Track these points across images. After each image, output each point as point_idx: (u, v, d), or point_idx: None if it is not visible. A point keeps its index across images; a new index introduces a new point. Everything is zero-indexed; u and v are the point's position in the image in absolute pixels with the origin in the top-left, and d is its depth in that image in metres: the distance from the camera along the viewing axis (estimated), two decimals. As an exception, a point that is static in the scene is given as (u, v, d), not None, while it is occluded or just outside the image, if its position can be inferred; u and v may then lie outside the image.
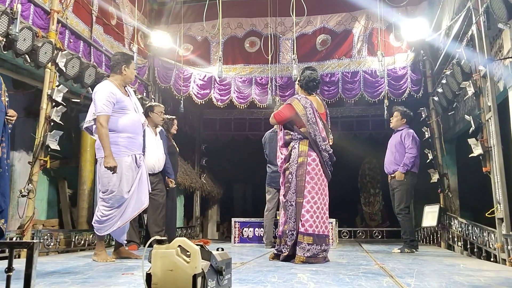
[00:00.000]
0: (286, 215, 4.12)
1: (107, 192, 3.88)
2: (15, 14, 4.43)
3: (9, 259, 1.81)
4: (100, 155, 3.89)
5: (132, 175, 3.96)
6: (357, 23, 7.94)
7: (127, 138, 3.95)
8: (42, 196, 7.15)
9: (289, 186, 4.13)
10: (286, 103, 4.44)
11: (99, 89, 3.96)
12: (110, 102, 3.89)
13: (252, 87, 8.15)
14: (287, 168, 4.20)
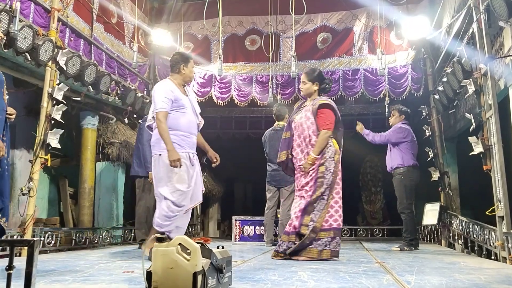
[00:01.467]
0: (305, 210, 4.07)
1: (172, 188, 3.83)
2: (15, 12, 4.43)
3: (10, 257, 1.81)
4: (156, 152, 3.85)
5: (187, 171, 3.94)
6: (358, 21, 7.93)
7: (181, 137, 3.95)
8: (43, 194, 7.16)
9: (322, 182, 4.11)
10: (326, 109, 4.27)
11: (159, 87, 3.98)
12: (169, 99, 3.88)
13: (252, 85, 8.15)
14: (321, 164, 4.14)
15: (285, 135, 4.39)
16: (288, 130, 4.40)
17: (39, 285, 2.39)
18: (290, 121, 4.40)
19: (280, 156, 4.40)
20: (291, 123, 4.38)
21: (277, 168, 6.21)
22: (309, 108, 4.28)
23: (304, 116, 4.27)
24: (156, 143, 3.86)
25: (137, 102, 7.34)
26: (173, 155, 3.74)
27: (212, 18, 7.56)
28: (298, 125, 4.30)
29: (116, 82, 6.87)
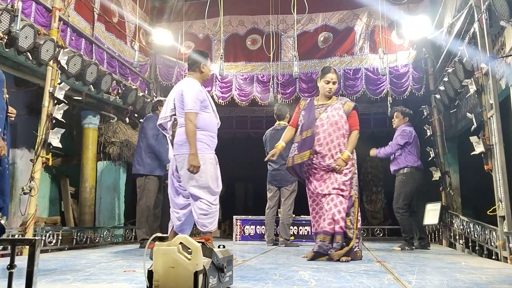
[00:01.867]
0: (341, 210, 4.05)
1: (207, 187, 3.85)
2: (16, 12, 4.44)
3: (11, 256, 1.81)
4: (182, 152, 3.84)
5: (216, 172, 3.96)
6: (359, 21, 7.93)
7: (209, 137, 3.96)
8: (44, 193, 7.17)
9: (353, 182, 4.18)
10: (355, 111, 4.35)
11: (190, 87, 3.94)
12: (199, 99, 3.89)
13: (253, 84, 8.15)
14: (353, 164, 4.22)
15: (306, 134, 4.17)
16: (309, 128, 4.19)
17: (40, 284, 2.39)
18: (313, 119, 4.20)
19: (303, 156, 4.15)
20: (314, 121, 4.19)
21: (278, 168, 6.22)
22: (339, 107, 4.25)
23: (337, 114, 4.20)
24: (184, 142, 3.84)
25: (138, 102, 7.34)
26: (195, 160, 3.77)
27: (213, 18, 7.56)
28: (329, 123, 4.18)
29: (117, 82, 6.87)
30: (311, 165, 4.22)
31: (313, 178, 4.20)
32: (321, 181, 4.16)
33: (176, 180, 3.94)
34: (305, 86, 7.96)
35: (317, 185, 4.17)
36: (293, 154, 4.20)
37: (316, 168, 4.19)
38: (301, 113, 4.35)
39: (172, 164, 3.98)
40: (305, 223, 6.70)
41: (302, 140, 4.18)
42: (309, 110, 4.29)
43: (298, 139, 4.24)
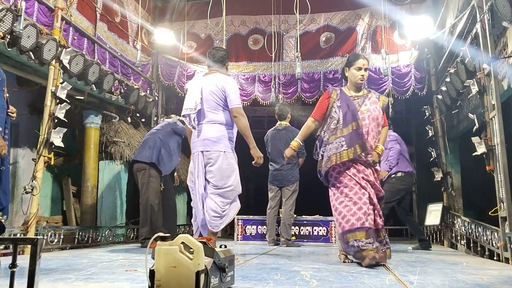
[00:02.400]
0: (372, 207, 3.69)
1: (227, 186, 3.86)
2: (19, 11, 4.45)
3: (13, 255, 1.82)
4: (220, 149, 3.85)
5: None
6: (361, 21, 7.93)
7: (234, 134, 4.02)
8: (46, 192, 7.17)
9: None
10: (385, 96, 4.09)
11: (232, 83, 4.02)
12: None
13: (255, 84, 8.15)
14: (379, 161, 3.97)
15: (352, 126, 3.69)
16: (354, 120, 3.69)
17: (42, 284, 2.40)
18: (355, 111, 3.73)
19: (356, 149, 3.63)
20: (356, 113, 3.73)
21: (279, 168, 6.22)
22: (375, 100, 3.87)
23: (376, 109, 3.82)
24: (220, 139, 3.85)
25: (140, 101, 7.36)
26: (258, 152, 3.94)
27: (215, 18, 7.57)
28: (370, 117, 3.78)
29: (119, 81, 6.88)
30: (349, 162, 3.72)
31: (351, 171, 3.71)
32: (363, 173, 3.73)
33: (202, 177, 3.90)
34: (306, 86, 7.96)
35: (360, 177, 3.71)
36: (340, 150, 3.66)
37: (355, 163, 3.73)
38: (334, 105, 3.82)
39: (200, 160, 3.90)
40: (307, 223, 6.70)
41: (350, 134, 3.66)
42: (345, 101, 3.79)
43: (342, 132, 3.69)
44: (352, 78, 3.88)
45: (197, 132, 3.94)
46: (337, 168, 3.75)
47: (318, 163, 3.89)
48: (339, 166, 3.73)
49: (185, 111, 3.99)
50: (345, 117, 3.74)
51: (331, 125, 3.80)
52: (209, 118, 3.90)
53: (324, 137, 3.83)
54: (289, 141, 6.16)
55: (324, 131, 3.86)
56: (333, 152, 3.70)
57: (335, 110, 3.81)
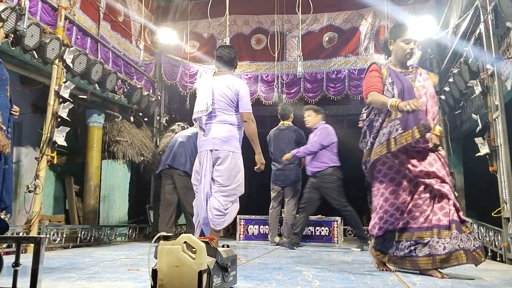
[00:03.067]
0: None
1: (232, 186, 3.88)
2: (23, 10, 4.46)
3: (16, 253, 1.82)
4: (230, 149, 3.87)
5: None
6: (364, 21, 7.92)
7: (241, 136, 4.05)
8: (49, 191, 7.19)
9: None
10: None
11: (245, 86, 4.05)
12: None
13: (257, 84, 8.15)
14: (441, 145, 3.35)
15: None
16: (410, 98, 3.04)
17: (45, 282, 2.40)
18: (410, 87, 3.17)
19: (414, 132, 2.99)
20: (412, 90, 3.17)
21: (281, 168, 6.22)
22: (427, 76, 3.32)
23: (430, 85, 3.28)
24: (230, 139, 3.88)
25: (142, 101, 7.37)
26: (262, 159, 3.99)
27: (218, 17, 7.57)
28: (428, 94, 3.21)
29: (122, 81, 6.90)
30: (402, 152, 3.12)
31: (406, 159, 3.09)
32: (422, 161, 3.09)
33: (209, 176, 3.91)
34: (309, 86, 7.96)
35: (418, 166, 3.06)
36: (395, 135, 3.04)
37: (411, 149, 3.09)
38: (385, 81, 3.23)
39: (208, 158, 3.91)
40: (309, 224, 6.69)
41: (405, 115, 2.99)
42: (397, 77, 3.22)
43: (396, 114, 3.05)
44: (399, 52, 3.29)
45: (205, 131, 3.94)
46: (388, 162, 3.14)
47: (365, 154, 3.32)
48: (389, 158, 3.13)
49: (196, 114, 3.98)
50: (401, 94, 3.11)
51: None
52: (219, 118, 3.92)
53: (376, 121, 3.21)
54: (291, 141, 6.19)
55: (375, 114, 3.25)
56: (385, 139, 3.08)
57: (387, 88, 3.20)
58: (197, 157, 4.06)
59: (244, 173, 3.98)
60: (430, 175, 3.03)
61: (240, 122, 4.00)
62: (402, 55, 3.29)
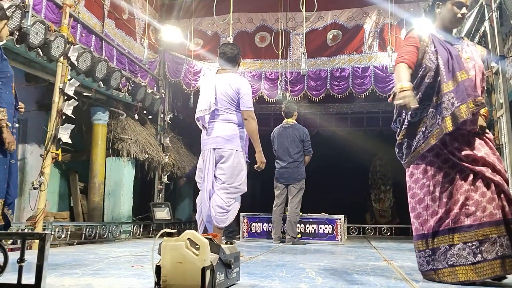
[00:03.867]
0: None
1: (235, 184, 3.92)
2: (27, 8, 4.48)
3: (21, 249, 1.84)
4: (233, 147, 3.91)
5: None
6: (368, 19, 7.89)
7: (245, 134, 4.07)
8: (54, 188, 7.22)
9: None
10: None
11: (247, 84, 4.08)
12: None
13: (261, 81, 8.14)
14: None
15: (461, 76, 2.58)
16: (462, 68, 2.62)
17: (50, 278, 2.42)
18: (458, 57, 2.68)
19: (468, 105, 2.50)
20: (459, 59, 2.67)
21: (285, 166, 6.22)
22: (475, 48, 2.87)
23: (479, 57, 2.83)
24: (233, 138, 3.92)
25: (147, 98, 7.38)
26: (263, 157, 4.02)
27: (222, 15, 7.56)
28: (477, 67, 2.74)
29: (127, 78, 6.91)
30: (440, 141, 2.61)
31: (458, 143, 2.59)
32: (467, 146, 2.59)
33: (212, 174, 3.93)
34: (313, 84, 7.95)
35: (470, 151, 2.57)
36: (452, 109, 2.53)
37: (455, 131, 2.56)
38: (427, 50, 2.73)
39: (211, 157, 3.93)
40: (312, 221, 6.69)
41: (458, 86, 2.56)
42: (442, 45, 2.72)
43: (447, 87, 2.59)
44: (448, 17, 2.79)
45: (208, 130, 3.96)
46: (435, 148, 2.63)
47: (400, 135, 2.79)
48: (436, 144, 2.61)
49: (199, 113, 4.00)
50: (446, 65, 2.64)
51: (426, 78, 2.68)
52: (222, 117, 3.94)
53: (415, 96, 2.60)
54: (295, 139, 6.20)
55: (414, 87, 2.66)
56: (443, 115, 2.56)
57: (429, 57, 2.70)
58: (201, 155, 4.08)
59: (247, 171, 4.01)
60: (479, 162, 2.54)
61: (241, 121, 4.03)
62: (451, 21, 2.80)
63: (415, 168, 2.72)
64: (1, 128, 3.17)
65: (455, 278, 2.42)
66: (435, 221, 2.54)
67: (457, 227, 2.47)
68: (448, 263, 2.45)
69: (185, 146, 9.41)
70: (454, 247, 2.45)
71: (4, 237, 2.03)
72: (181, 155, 8.98)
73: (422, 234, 2.60)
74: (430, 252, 2.54)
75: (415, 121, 2.71)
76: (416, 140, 2.68)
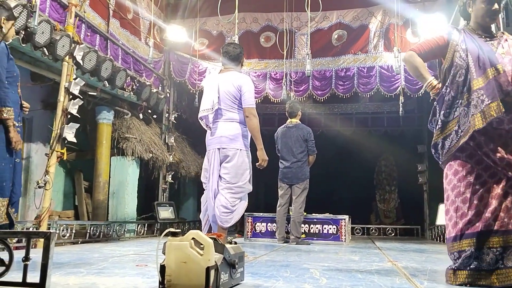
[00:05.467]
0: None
1: (239, 183, 3.92)
2: (34, 7, 4.50)
3: (26, 248, 1.84)
4: (237, 146, 3.91)
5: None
6: (374, 19, 7.87)
7: (249, 133, 4.07)
8: (59, 187, 7.26)
9: None
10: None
11: (249, 81, 4.09)
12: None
13: (266, 81, 8.14)
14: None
15: (492, 72, 2.53)
16: (493, 64, 2.56)
17: (54, 277, 2.42)
18: (491, 52, 2.64)
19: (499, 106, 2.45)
20: (492, 55, 2.61)
21: (289, 166, 6.21)
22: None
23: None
24: (237, 137, 3.92)
25: (152, 98, 7.40)
26: (264, 155, 4.03)
27: (227, 15, 7.57)
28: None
29: (132, 78, 6.93)
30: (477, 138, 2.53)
31: (485, 142, 2.51)
32: (503, 148, 2.51)
33: (217, 174, 3.93)
34: (318, 84, 7.94)
35: (499, 152, 2.49)
36: (482, 107, 2.46)
37: (491, 131, 2.51)
38: (457, 48, 2.69)
39: (216, 157, 3.93)
40: (317, 222, 6.68)
41: (489, 83, 2.51)
42: (474, 41, 2.68)
43: (478, 84, 2.53)
44: (480, 14, 2.74)
45: (212, 130, 3.96)
46: (468, 149, 2.56)
47: (435, 135, 2.73)
48: (469, 144, 2.54)
49: (202, 113, 3.99)
50: (477, 61, 2.60)
51: (457, 76, 2.64)
52: (226, 116, 3.93)
53: (447, 94, 2.66)
54: (299, 139, 6.19)
55: (446, 86, 2.69)
56: (472, 113, 2.50)
57: (460, 55, 2.67)
58: (206, 155, 4.08)
59: (251, 170, 4.00)
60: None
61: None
62: (484, 18, 2.74)
63: (449, 168, 2.68)
64: (8, 127, 3.18)
65: (475, 281, 2.39)
66: (464, 223, 2.49)
67: (485, 231, 2.42)
68: (470, 266, 2.42)
69: (189, 145, 9.42)
70: (479, 250, 2.41)
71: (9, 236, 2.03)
72: (185, 155, 9.00)
73: (452, 237, 2.54)
74: (458, 254, 2.49)
75: (448, 120, 2.65)
76: (450, 139, 2.62)
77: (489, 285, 2.35)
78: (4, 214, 3.18)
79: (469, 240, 2.45)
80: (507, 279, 2.33)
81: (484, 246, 2.40)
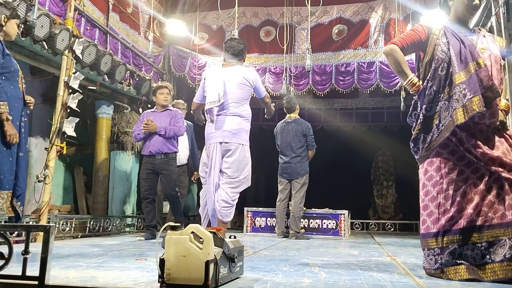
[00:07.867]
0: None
1: (240, 178, 3.94)
2: (33, 1, 4.48)
3: (26, 241, 1.85)
4: (235, 140, 3.92)
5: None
6: (374, 13, 7.85)
7: (249, 128, 4.13)
8: (58, 181, 7.26)
9: None
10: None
11: (256, 73, 4.28)
12: None
13: (266, 76, 8.12)
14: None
15: (474, 66, 2.53)
16: (475, 58, 2.56)
17: (54, 270, 2.43)
18: (472, 46, 2.61)
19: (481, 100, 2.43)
20: (473, 49, 2.60)
21: (288, 161, 6.22)
22: (491, 39, 2.81)
23: (496, 48, 2.76)
24: (239, 132, 3.94)
25: (151, 92, 7.38)
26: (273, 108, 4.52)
27: (227, 9, 7.55)
28: (492, 58, 2.68)
29: (131, 72, 6.91)
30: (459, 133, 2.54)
31: (476, 140, 2.51)
32: (484, 143, 2.51)
33: (218, 168, 3.93)
34: (318, 79, 7.93)
35: (480, 148, 2.48)
36: (464, 101, 2.47)
37: (473, 126, 2.54)
38: (438, 42, 2.69)
39: (217, 151, 3.92)
40: (316, 216, 6.70)
41: (470, 77, 2.50)
42: (455, 35, 2.67)
43: (459, 78, 2.53)
44: (460, 8, 2.76)
45: (215, 123, 3.94)
46: (450, 145, 2.57)
47: (415, 129, 2.72)
48: (451, 140, 2.55)
49: (209, 105, 3.96)
50: (459, 55, 2.58)
51: (439, 70, 2.63)
52: (230, 110, 3.93)
53: (429, 88, 2.66)
54: (298, 134, 6.19)
55: (428, 80, 2.68)
56: (454, 107, 2.50)
57: (441, 49, 2.65)
58: (204, 149, 4.06)
59: (251, 165, 4.02)
60: (495, 161, 2.45)
61: (248, 114, 4.04)
62: (463, 12, 2.75)
63: (429, 164, 2.65)
64: (2, 121, 3.18)
65: (462, 276, 2.38)
66: (446, 220, 2.49)
67: (468, 227, 2.41)
68: (457, 262, 2.42)
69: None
70: (463, 247, 2.42)
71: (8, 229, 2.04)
72: (185, 149, 8.98)
73: (433, 233, 2.53)
74: (439, 250, 2.48)
75: (430, 114, 2.64)
76: (431, 134, 2.61)
77: (478, 279, 2.35)
78: (6, 207, 3.19)
79: (452, 237, 2.46)
80: (495, 274, 2.32)
81: (469, 242, 2.41)
